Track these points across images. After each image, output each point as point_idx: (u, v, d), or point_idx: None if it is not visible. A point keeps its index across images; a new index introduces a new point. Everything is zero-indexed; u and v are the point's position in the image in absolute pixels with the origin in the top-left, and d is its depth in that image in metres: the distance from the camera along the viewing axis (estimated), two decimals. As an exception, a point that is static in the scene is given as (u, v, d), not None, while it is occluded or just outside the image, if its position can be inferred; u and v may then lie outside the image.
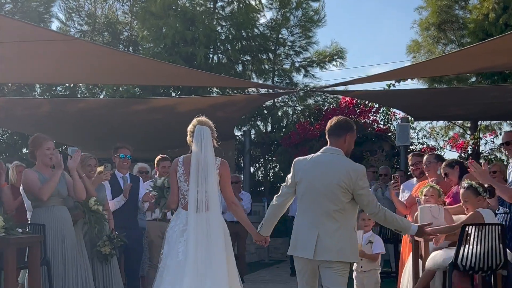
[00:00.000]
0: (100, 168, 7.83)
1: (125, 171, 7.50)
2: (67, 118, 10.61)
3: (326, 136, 4.69)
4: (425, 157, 6.91)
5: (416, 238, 5.27)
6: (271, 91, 12.29)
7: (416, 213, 5.99)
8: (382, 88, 11.89)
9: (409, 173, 13.65)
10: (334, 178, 4.42)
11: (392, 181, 6.62)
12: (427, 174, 6.87)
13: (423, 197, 5.99)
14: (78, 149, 6.13)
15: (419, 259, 5.76)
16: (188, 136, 4.99)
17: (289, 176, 4.67)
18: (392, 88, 12.58)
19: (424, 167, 6.83)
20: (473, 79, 14.57)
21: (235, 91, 13.04)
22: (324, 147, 4.66)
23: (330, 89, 9.72)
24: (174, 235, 4.86)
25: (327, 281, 4.39)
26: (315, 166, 4.54)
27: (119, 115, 10.75)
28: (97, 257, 6.51)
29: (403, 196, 7.40)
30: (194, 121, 5.03)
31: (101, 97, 16.49)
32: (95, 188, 6.72)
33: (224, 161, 4.99)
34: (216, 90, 15.80)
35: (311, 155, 4.68)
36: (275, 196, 4.81)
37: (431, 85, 14.47)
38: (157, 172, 8.49)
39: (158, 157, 8.53)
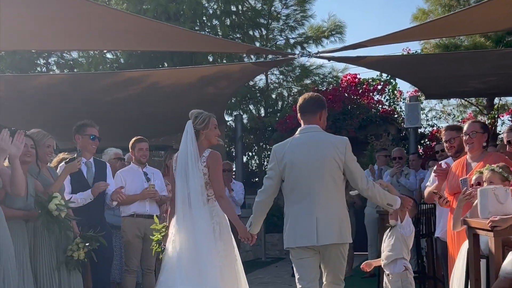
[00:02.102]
0: (63, 155, 6.33)
1: (89, 155, 5.95)
2: (23, 100, 8.93)
3: (298, 115, 4.55)
4: (467, 125, 5.39)
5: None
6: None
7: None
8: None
9: (423, 156, 12.38)
10: (325, 155, 4.29)
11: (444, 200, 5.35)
12: (467, 148, 5.35)
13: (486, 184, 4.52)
14: (21, 131, 4.59)
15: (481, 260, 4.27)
16: None
17: (271, 166, 4.46)
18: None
19: (467, 138, 5.30)
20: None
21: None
22: (300, 128, 4.51)
23: (337, 54, 8.20)
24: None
25: (331, 266, 4.33)
26: (300, 148, 4.36)
27: (86, 93, 9.06)
28: (66, 265, 5.04)
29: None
30: None
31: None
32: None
33: (214, 152, 4.78)
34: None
35: (289, 139, 4.51)
36: (258, 191, 4.55)
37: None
38: (133, 157, 7.00)
39: (134, 138, 7.04)
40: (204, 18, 14.75)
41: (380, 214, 8.20)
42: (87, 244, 5.03)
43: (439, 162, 5.80)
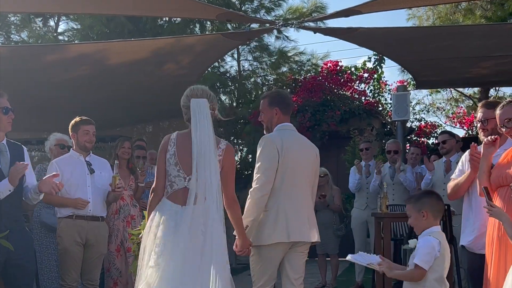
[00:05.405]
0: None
1: (2, 135, 4.39)
2: None
3: (281, 112, 4.40)
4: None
5: None
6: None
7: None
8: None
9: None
10: (313, 156, 4.40)
11: None
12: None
13: None
14: None
15: None
16: (183, 113, 3.89)
17: (271, 155, 4.19)
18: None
19: (507, 121, 3.99)
20: None
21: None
22: (286, 124, 4.40)
23: (322, 25, 6.88)
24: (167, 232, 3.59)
25: (295, 266, 4.29)
26: (297, 144, 4.34)
27: (17, 73, 7.43)
28: None
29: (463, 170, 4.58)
30: (187, 91, 3.88)
31: None
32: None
33: (230, 146, 3.90)
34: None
35: (277, 133, 4.33)
36: (259, 185, 4.15)
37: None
38: (74, 142, 5.52)
39: (76, 118, 5.56)
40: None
41: (377, 217, 6.83)
42: None
43: (474, 144, 4.39)
